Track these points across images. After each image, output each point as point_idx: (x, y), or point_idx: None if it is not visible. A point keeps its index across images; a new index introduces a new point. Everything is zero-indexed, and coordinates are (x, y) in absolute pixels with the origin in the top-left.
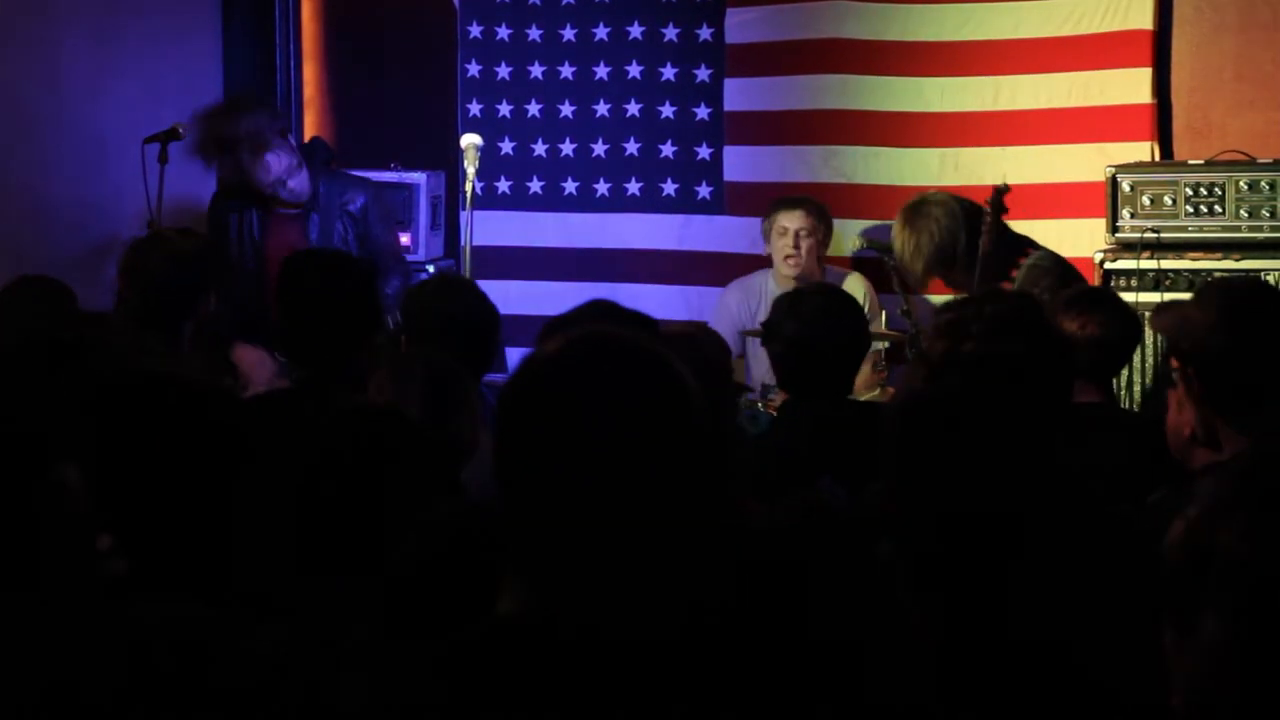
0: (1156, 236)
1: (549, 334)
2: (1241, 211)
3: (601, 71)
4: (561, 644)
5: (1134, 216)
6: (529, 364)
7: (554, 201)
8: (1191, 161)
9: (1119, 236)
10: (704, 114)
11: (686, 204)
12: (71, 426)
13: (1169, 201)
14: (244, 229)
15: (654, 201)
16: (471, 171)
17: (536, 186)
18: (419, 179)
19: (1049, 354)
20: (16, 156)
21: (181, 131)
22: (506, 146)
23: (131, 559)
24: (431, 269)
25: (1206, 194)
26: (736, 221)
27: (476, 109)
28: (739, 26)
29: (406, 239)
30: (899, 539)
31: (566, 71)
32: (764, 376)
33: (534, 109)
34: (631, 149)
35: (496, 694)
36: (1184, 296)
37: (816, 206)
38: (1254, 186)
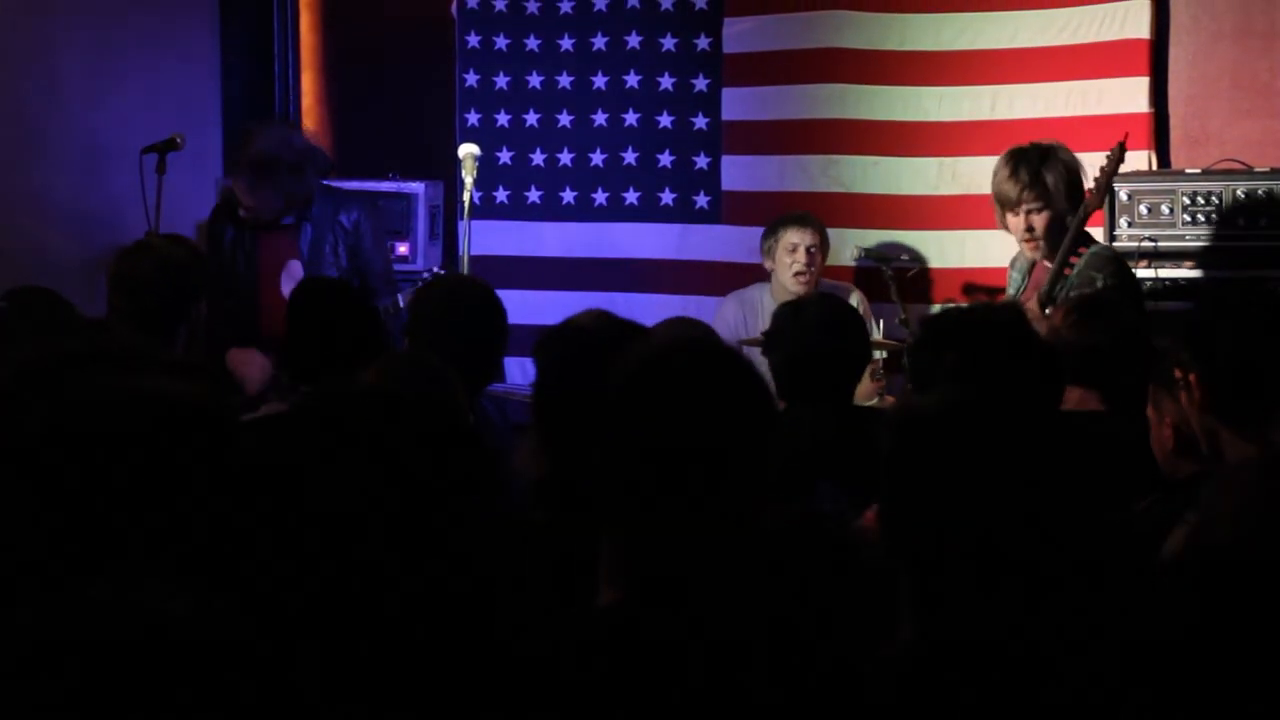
0: (1154, 245)
1: (546, 344)
2: (1239, 220)
3: (599, 81)
4: (656, 630)
5: (1131, 225)
6: (632, 371)
7: (552, 211)
8: (1189, 170)
9: (1116, 245)
10: (702, 123)
11: (684, 213)
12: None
13: (1166, 210)
14: (238, 241)
15: (652, 211)
16: (469, 181)
17: (534, 196)
18: (417, 188)
19: (1031, 362)
20: (16, 167)
21: (180, 142)
22: (504, 156)
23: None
24: (428, 276)
25: (1204, 203)
26: (734, 231)
27: (474, 119)
28: (736, 36)
29: (405, 248)
30: (892, 550)
31: (564, 81)
32: None
33: (532, 119)
34: (629, 158)
35: (612, 675)
36: (1181, 305)
37: (819, 222)
38: (1251, 195)
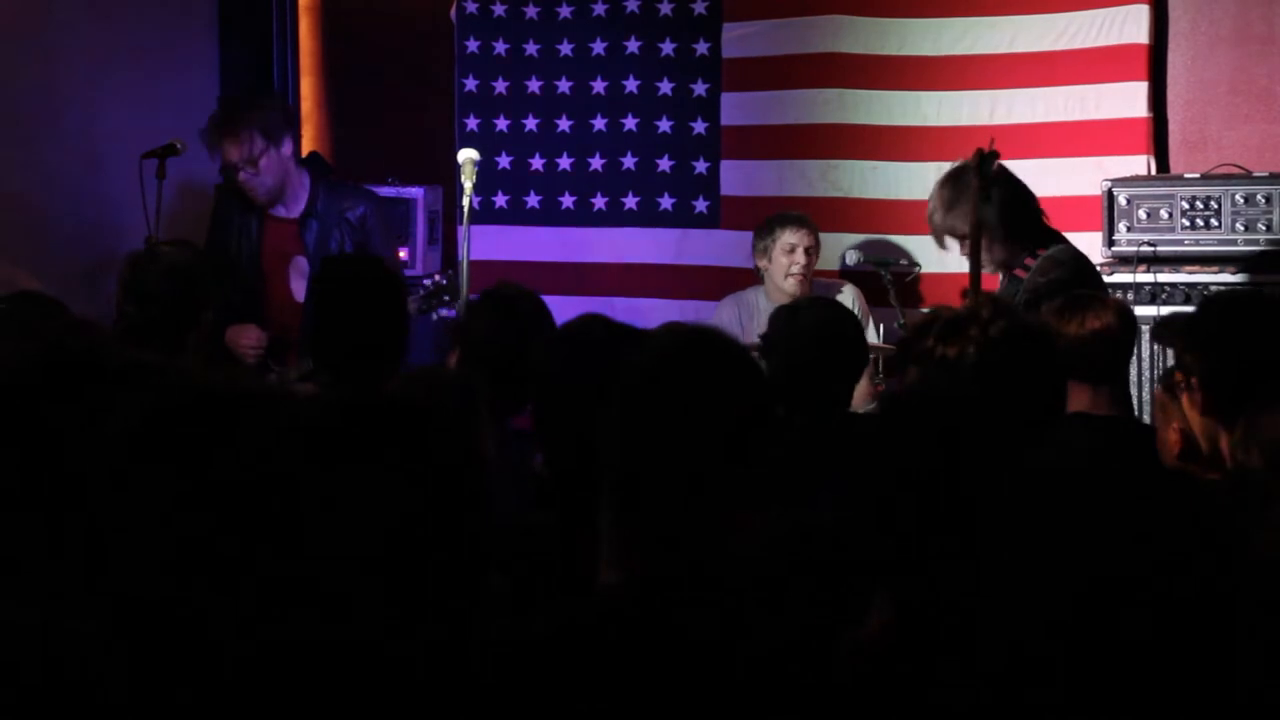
0: (1153, 250)
1: (543, 349)
2: (1237, 225)
3: (599, 86)
4: (655, 608)
5: (1130, 230)
6: (637, 366)
7: (551, 216)
8: (1187, 175)
9: (1115, 250)
10: (701, 128)
11: (683, 218)
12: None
13: (1165, 215)
14: (243, 230)
15: (651, 216)
16: (469, 186)
17: (534, 201)
18: (416, 194)
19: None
20: (15, 172)
21: (179, 147)
22: (504, 161)
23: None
24: (428, 283)
25: (1202, 207)
26: (733, 235)
27: (474, 124)
28: (736, 41)
29: (404, 254)
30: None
31: (564, 86)
32: None
33: (531, 124)
34: (628, 163)
35: (610, 653)
36: (1181, 309)
37: (811, 222)
38: (1250, 200)
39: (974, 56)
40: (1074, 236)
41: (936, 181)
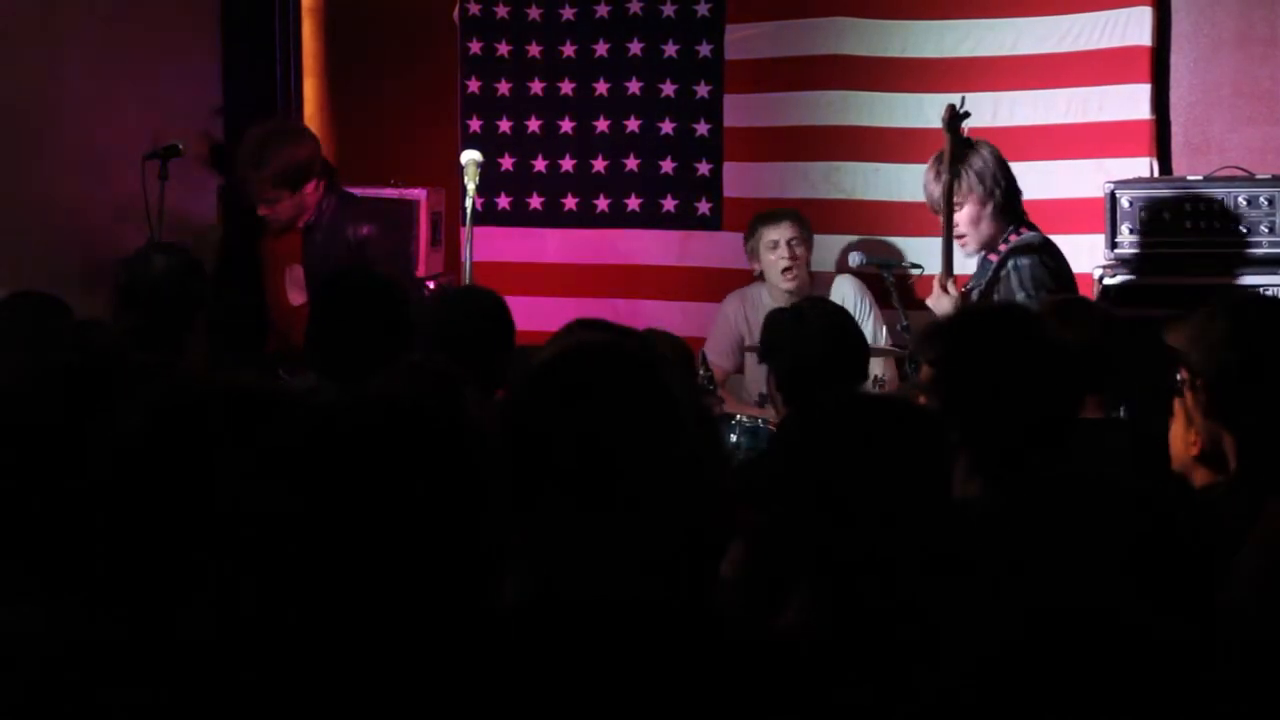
0: (1155, 252)
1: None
2: (1240, 227)
3: (601, 88)
4: (564, 620)
5: (1133, 232)
6: (532, 373)
7: (554, 217)
8: (1190, 177)
9: (1118, 252)
10: (704, 130)
11: (686, 220)
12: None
13: (1168, 217)
14: (246, 237)
15: (654, 217)
16: (472, 188)
17: (536, 202)
18: (419, 195)
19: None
20: (17, 173)
21: (182, 148)
22: (507, 162)
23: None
24: (431, 285)
25: (1205, 210)
26: (736, 238)
27: (477, 125)
28: (739, 43)
29: None
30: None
31: (566, 88)
32: (761, 388)
33: (534, 125)
34: (631, 165)
35: (524, 669)
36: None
37: (798, 215)
38: (1253, 202)
39: (977, 59)
40: (1077, 238)
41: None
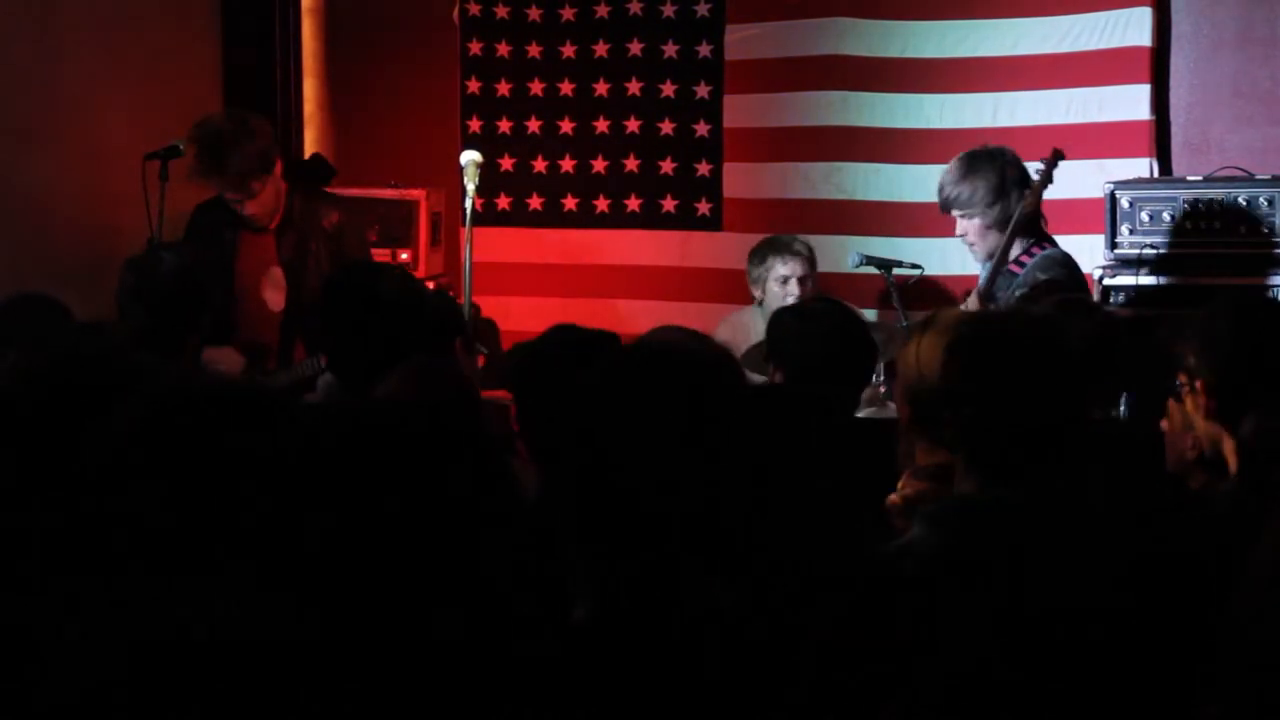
0: (1155, 253)
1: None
2: (1240, 228)
3: (601, 88)
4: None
5: (1133, 233)
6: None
7: (554, 218)
8: (1190, 178)
9: (1118, 253)
10: (704, 130)
11: (686, 220)
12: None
13: (1168, 218)
14: (218, 246)
15: (654, 218)
16: (472, 188)
17: (536, 203)
18: (419, 196)
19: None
20: (17, 173)
21: (182, 148)
22: (507, 163)
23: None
24: (433, 285)
25: (1205, 210)
26: (736, 238)
27: (476, 125)
28: (739, 43)
29: (407, 255)
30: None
31: (566, 88)
32: None
33: (534, 125)
34: (631, 165)
35: (588, 687)
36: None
37: (807, 246)
38: (1252, 202)
39: (977, 59)
40: (1077, 239)
41: (963, 154)
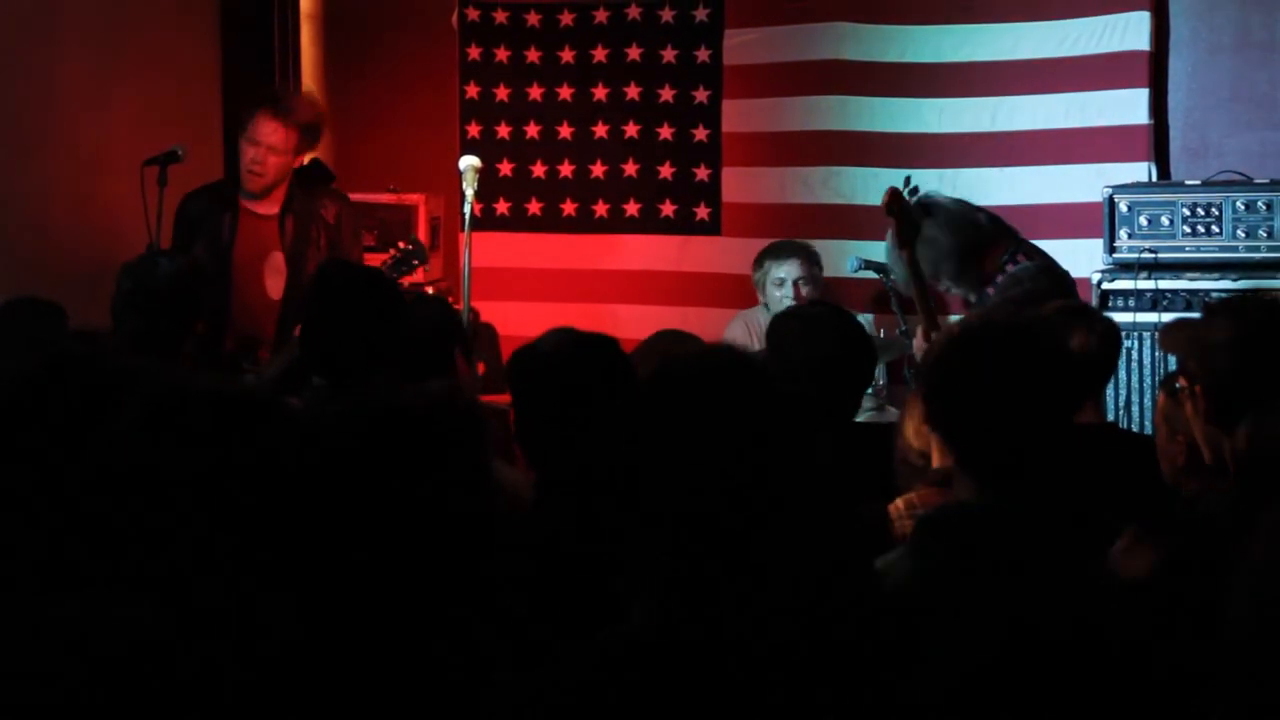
0: (1154, 257)
1: (520, 361)
2: (1238, 232)
3: (600, 93)
4: (684, 649)
5: (1131, 237)
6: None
7: (553, 223)
8: (1189, 182)
9: (1116, 257)
10: (702, 135)
11: (685, 225)
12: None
13: (1166, 222)
14: (214, 229)
15: (652, 223)
16: (470, 193)
17: (535, 207)
18: (418, 200)
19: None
20: (16, 177)
21: (181, 154)
22: (505, 168)
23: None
24: (431, 289)
25: (1204, 214)
26: (734, 243)
27: (475, 130)
28: (737, 48)
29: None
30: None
31: (565, 93)
32: None
33: (533, 130)
34: (630, 170)
35: (638, 695)
36: (1183, 316)
37: (808, 251)
38: (1251, 206)
39: (975, 63)
40: (1075, 243)
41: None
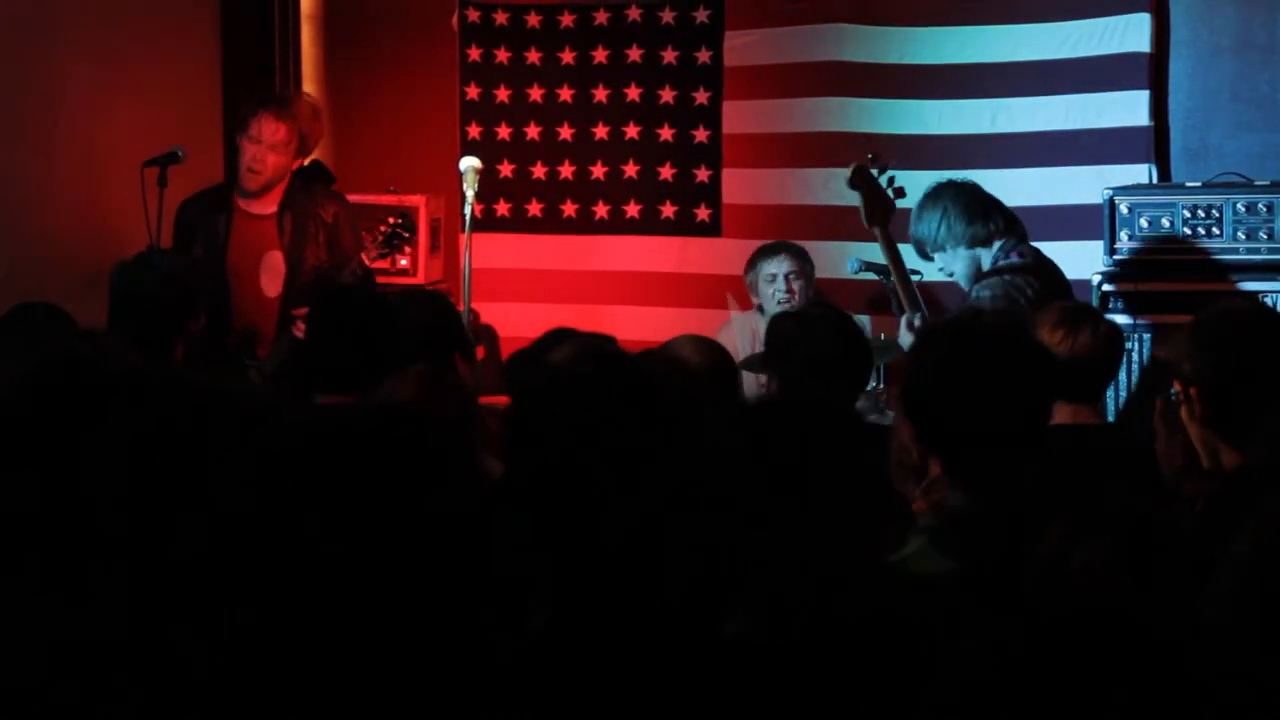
0: (1154, 259)
1: (518, 364)
2: (1239, 233)
3: (600, 94)
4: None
5: (1132, 239)
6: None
7: (553, 224)
8: (1189, 184)
9: (1117, 259)
10: (703, 136)
11: (685, 226)
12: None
13: (1167, 223)
14: (209, 230)
15: (653, 224)
16: (471, 194)
17: (536, 209)
18: (418, 202)
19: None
20: (16, 179)
21: (181, 155)
22: (506, 169)
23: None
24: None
25: (1204, 216)
26: (735, 244)
27: (476, 131)
28: (738, 49)
29: (406, 262)
30: None
31: (565, 94)
32: None
33: (533, 131)
34: (630, 171)
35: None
36: (1182, 318)
37: (796, 248)
38: (1251, 208)
39: (976, 65)
40: (1075, 245)
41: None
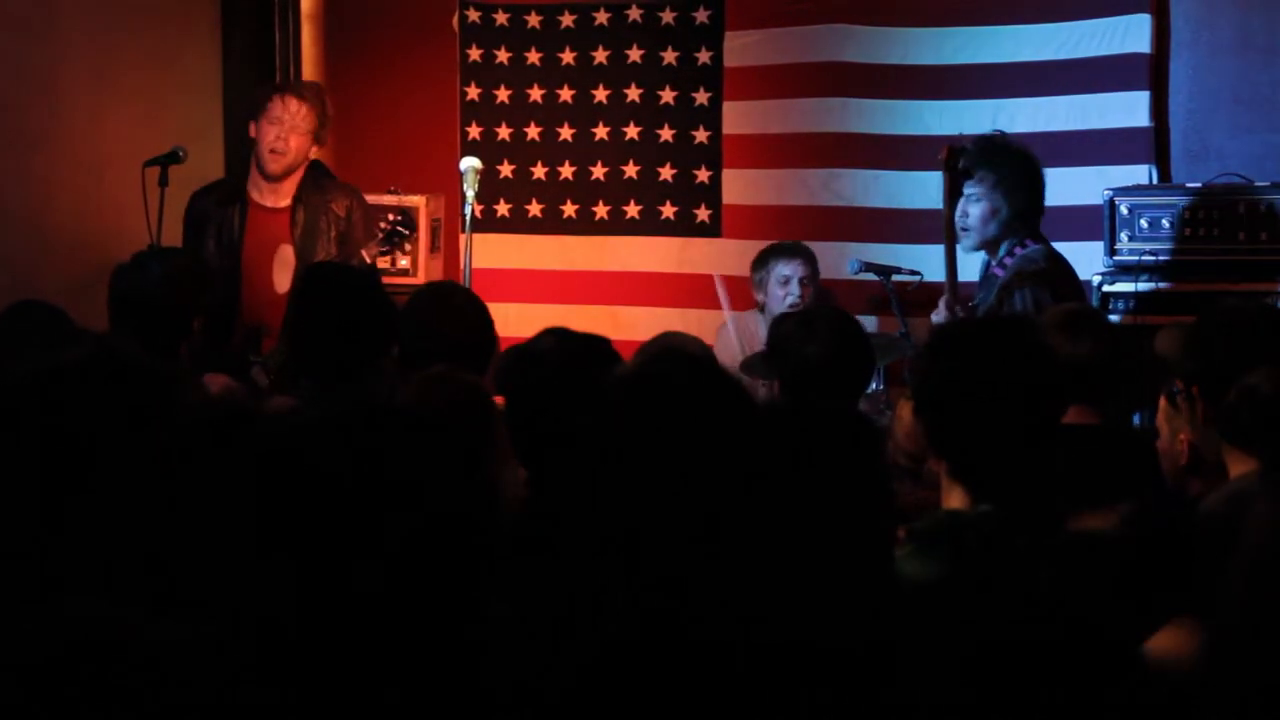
0: (1155, 259)
1: (512, 363)
2: (1239, 234)
3: (600, 94)
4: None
5: (1132, 239)
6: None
7: (553, 224)
8: (1189, 184)
9: (1117, 259)
10: (703, 137)
11: (685, 227)
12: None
13: (1167, 224)
14: (221, 224)
15: (653, 224)
16: (471, 195)
17: (536, 209)
18: (418, 202)
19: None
20: (16, 180)
21: (182, 155)
22: (506, 169)
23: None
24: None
25: (1204, 217)
26: (735, 244)
27: (476, 132)
28: (738, 49)
29: (406, 262)
30: None
31: (566, 94)
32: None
33: (533, 132)
34: (630, 172)
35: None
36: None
37: (810, 251)
38: (1252, 209)
39: (976, 65)
40: (1076, 246)
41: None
